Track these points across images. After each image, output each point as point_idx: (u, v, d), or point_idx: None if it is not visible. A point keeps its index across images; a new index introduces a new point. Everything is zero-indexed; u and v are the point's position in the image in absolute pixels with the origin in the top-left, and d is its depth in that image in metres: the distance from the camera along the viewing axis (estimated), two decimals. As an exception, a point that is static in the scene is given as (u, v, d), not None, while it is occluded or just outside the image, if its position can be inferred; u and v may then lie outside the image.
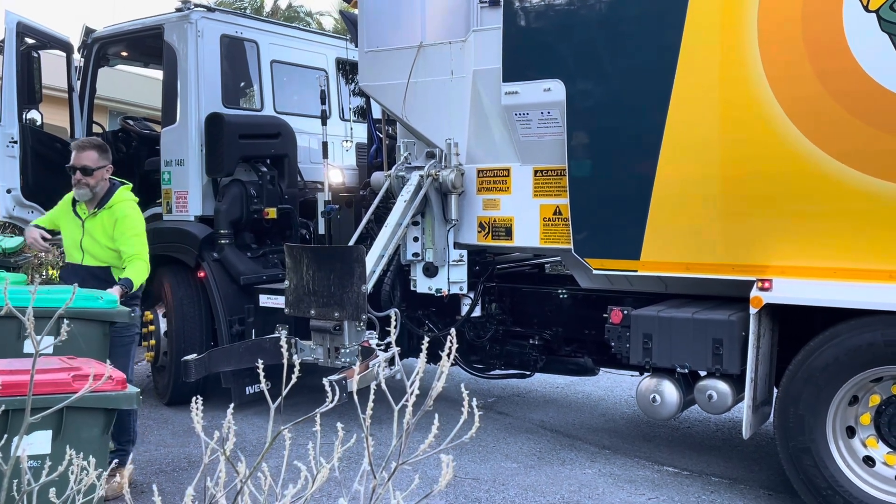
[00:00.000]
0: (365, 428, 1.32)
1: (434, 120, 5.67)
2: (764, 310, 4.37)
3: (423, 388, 1.39)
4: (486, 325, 6.00)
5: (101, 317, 4.20)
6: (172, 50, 6.71)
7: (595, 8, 4.88)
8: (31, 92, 7.22)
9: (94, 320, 4.17)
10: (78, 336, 3.93)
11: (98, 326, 4.19)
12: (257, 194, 6.61)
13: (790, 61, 4.26)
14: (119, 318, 4.28)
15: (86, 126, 7.56)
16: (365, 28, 5.95)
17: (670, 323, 4.68)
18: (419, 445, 1.50)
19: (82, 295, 4.12)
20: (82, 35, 7.55)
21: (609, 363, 5.54)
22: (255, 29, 7.27)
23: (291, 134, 6.95)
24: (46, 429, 3.20)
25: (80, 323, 4.00)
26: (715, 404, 4.60)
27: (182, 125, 6.69)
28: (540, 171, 5.30)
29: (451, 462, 1.24)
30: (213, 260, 6.45)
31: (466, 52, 5.48)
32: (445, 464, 1.22)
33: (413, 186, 5.50)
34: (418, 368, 1.43)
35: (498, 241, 5.57)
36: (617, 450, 5.58)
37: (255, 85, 7.35)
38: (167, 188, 6.77)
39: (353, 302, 5.09)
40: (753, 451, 5.54)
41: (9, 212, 7.13)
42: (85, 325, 4.08)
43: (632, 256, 4.83)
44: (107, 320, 4.23)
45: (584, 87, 4.94)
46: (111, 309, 4.25)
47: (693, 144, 4.57)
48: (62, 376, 3.26)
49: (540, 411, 6.58)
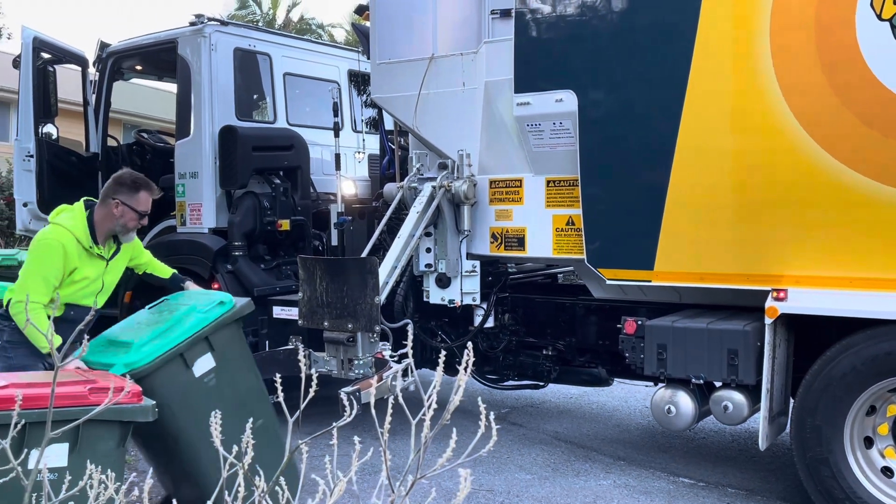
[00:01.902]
0: (382, 442, 1.32)
1: (446, 131, 5.68)
2: (779, 320, 4.34)
3: (436, 399, 1.39)
4: (499, 335, 6.00)
5: (239, 315, 4.22)
6: (186, 63, 6.77)
7: (607, 18, 4.89)
8: (47, 106, 7.29)
9: (237, 320, 4.20)
10: (237, 339, 4.17)
11: (238, 327, 4.25)
12: (270, 206, 6.64)
13: (803, 70, 4.25)
14: (249, 308, 4.30)
15: (101, 139, 7.62)
16: (377, 40, 5.98)
17: (685, 333, 4.66)
18: (434, 458, 1.50)
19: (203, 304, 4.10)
20: (97, 49, 7.62)
21: (623, 373, 5.51)
22: (268, 42, 7.32)
23: (304, 146, 6.99)
24: (63, 442, 3.21)
25: (234, 325, 4.16)
26: (731, 415, 4.57)
27: (196, 138, 6.74)
28: (552, 181, 5.30)
29: (468, 476, 1.24)
30: (226, 272, 6.48)
31: (478, 63, 5.50)
32: (464, 478, 1.22)
33: (425, 198, 5.51)
34: (435, 381, 1.43)
35: (510, 251, 5.56)
36: (632, 461, 5.55)
37: (267, 97, 7.40)
38: (181, 201, 6.81)
39: (366, 313, 5.10)
40: (770, 462, 5.49)
41: (25, 225, 7.19)
42: (237, 328, 4.21)
43: (645, 266, 4.81)
44: (241, 316, 4.25)
45: (597, 98, 4.94)
46: (245, 302, 4.28)
47: (706, 154, 4.56)
48: (79, 389, 3.27)
49: (554, 422, 6.56)
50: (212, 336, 3.98)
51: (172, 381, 3.82)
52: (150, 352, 3.77)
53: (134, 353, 3.75)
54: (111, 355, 3.81)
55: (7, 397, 2.89)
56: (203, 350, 3.96)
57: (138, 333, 3.94)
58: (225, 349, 4.06)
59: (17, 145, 7.13)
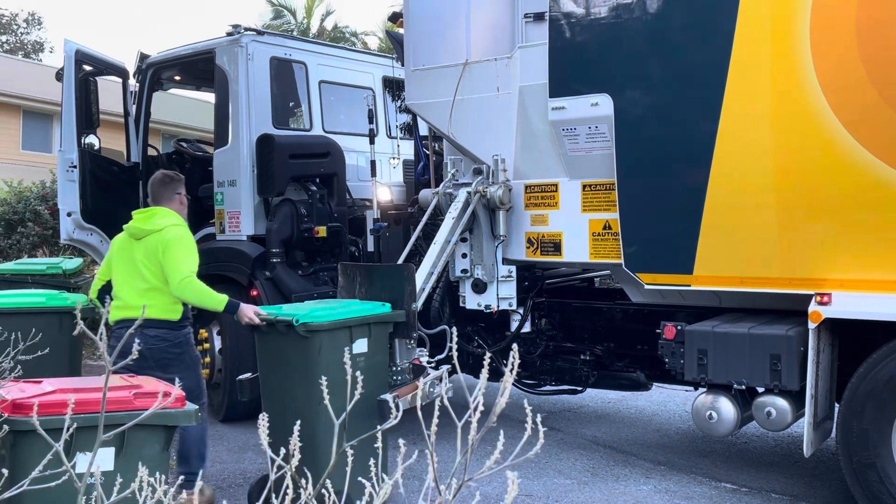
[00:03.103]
0: (429, 444, 1.32)
1: (480, 136, 5.69)
2: (823, 324, 4.27)
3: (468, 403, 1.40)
4: (536, 340, 5.98)
5: (393, 319, 4.81)
6: (224, 73, 6.87)
7: (642, 19, 4.85)
8: (89, 117, 7.45)
9: (387, 323, 4.78)
10: (384, 338, 4.74)
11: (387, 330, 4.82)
12: (307, 213, 6.70)
13: (844, 69, 4.18)
14: (401, 317, 4.86)
15: (141, 149, 7.76)
16: (411, 47, 6.01)
17: (726, 338, 4.60)
18: (475, 462, 1.50)
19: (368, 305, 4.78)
20: (137, 61, 7.77)
21: (662, 378, 5.46)
22: (304, 50, 7.40)
23: (340, 153, 7.04)
24: (109, 446, 3.28)
25: (382, 326, 4.74)
26: (774, 421, 4.50)
27: (234, 146, 6.83)
28: (588, 185, 5.28)
29: (516, 479, 1.24)
30: (265, 278, 6.55)
31: (512, 68, 5.50)
32: (511, 480, 1.23)
33: (461, 203, 5.52)
34: (480, 385, 1.43)
35: (547, 256, 5.55)
36: (672, 465, 5.49)
37: (303, 105, 7.48)
38: (220, 209, 6.91)
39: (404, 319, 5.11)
40: (814, 467, 5.39)
41: (69, 235, 7.34)
42: (386, 330, 4.80)
43: (685, 270, 4.76)
44: (392, 322, 4.82)
45: (633, 100, 4.91)
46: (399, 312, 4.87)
47: (746, 155, 4.51)
48: (124, 394, 3.33)
49: (592, 426, 6.52)
50: (372, 325, 4.65)
51: (336, 346, 4.33)
52: (325, 315, 4.41)
53: (311, 313, 4.39)
54: (285, 312, 4.48)
55: (57, 402, 2.96)
56: (363, 333, 4.59)
57: (304, 306, 4.69)
58: (376, 341, 4.67)
59: (61, 156, 7.29)
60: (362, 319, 4.60)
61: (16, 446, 2.98)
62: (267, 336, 4.56)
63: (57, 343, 4.69)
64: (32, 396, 3.04)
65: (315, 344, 4.31)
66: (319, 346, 4.31)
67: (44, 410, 2.63)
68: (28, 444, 2.96)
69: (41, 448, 2.62)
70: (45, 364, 4.14)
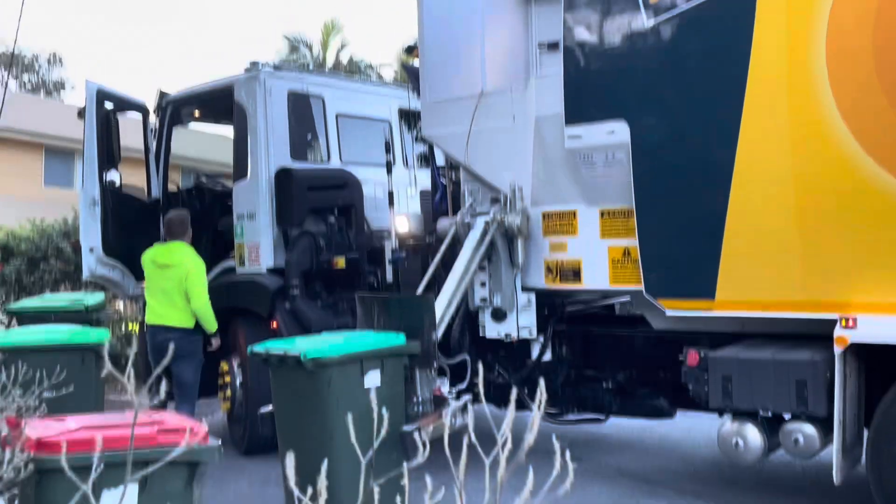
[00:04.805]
0: (458, 483, 1.32)
1: (497, 165, 5.70)
2: (849, 349, 4.21)
3: (491, 433, 1.39)
4: (557, 368, 5.94)
5: (407, 352, 4.90)
6: (242, 108, 6.95)
7: (657, 47, 4.87)
8: (110, 154, 7.54)
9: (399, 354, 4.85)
10: (399, 370, 4.80)
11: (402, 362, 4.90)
12: (326, 244, 6.74)
13: (862, 91, 4.17)
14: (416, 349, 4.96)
15: (161, 185, 7.85)
16: (427, 78, 6.06)
17: (750, 365, 4.55)
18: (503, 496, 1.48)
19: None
20: (157, 98, 7.89)
21: (686, 405, 5.39)
22: (321, 84, 7.48)
23: (357, 184, 7.09)
24: (133, 482, 3.27)
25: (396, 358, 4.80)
26: (802, 448, 4.43)
27: (253, 180, 6.89)
28: (607, 212, 5.27)
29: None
30: (285, 311, 6.57)
31: (528, 97, 5.53)
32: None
33: (479, 232, 5.53)
34: (508, 419, 1.42)
35: (566, 283, 5.53)
36: (700, 495, 5.40)
37: (321, 138, 7.53)
38: (240, 242, 6.96)
39: (423, 350, 5.10)
40: (845, 493, 5.28)
41: (92, 271, 7.40)
42: (401, 362, 4.88)
43: (706, 296, 4.72)
44: (407, 354, 4.92)
45: (650, 126, 4.92)
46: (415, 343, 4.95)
47: (765, 179, 4.49)
48: (147, 430, 3.33)
49: (616, 456, 6.44)
50: (385, 358, 4.67)
51: (347, 379, 4.41)
52: (335, 349, 4.45)
53: (320, 346, 4.44)
54: (296, 346, 4.53)
55: (83, 440, 2.96)
56: (375, 366, 4.61)
57: (318, 339, 4.80)
58: (390, 373, 4.68)
59: (83, 192, 7.38)
60: (374, 353, 4.58)
61: (41, 485, 2.99)
62: (279, 370, 4.56)
63: (80, 379, 4.73)
64: (58, 434, 3.05)
65: (324, 378, 4.31)
66: (329, 380, 4.32)
67: (70, 448, 2.64)
68: (54, 482, 2.96)
69: (66, 487, 2.63)
70: (69, 399, 4.17)
